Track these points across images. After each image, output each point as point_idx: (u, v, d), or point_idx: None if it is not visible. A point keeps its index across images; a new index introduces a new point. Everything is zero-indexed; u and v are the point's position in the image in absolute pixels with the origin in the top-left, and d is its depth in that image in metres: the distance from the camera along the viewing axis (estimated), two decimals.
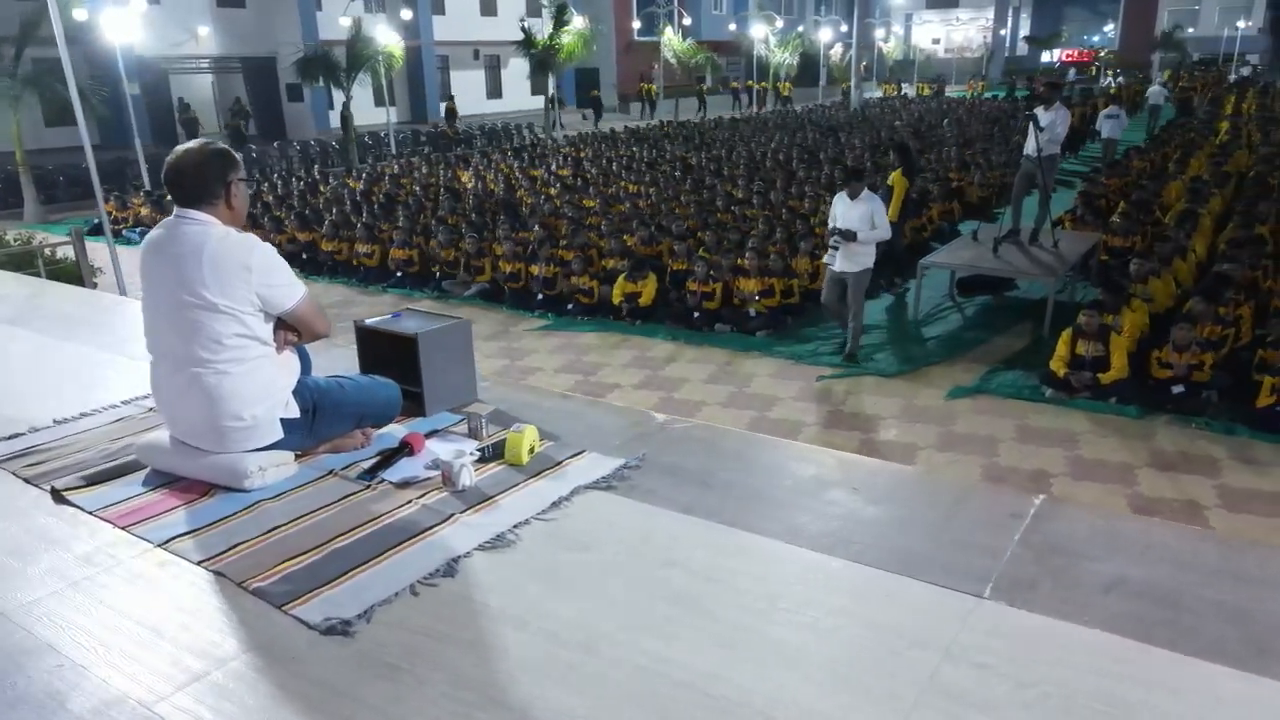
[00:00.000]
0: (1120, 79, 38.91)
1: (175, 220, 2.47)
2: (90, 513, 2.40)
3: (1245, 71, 40.87)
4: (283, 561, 2.14)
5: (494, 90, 33.55)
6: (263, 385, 2.50)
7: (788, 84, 35.55)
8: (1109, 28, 51.50)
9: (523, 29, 24.10)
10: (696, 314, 8.63)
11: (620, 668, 1.73)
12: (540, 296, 9.39)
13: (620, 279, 8.99)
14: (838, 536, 2.18)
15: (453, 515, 2.34)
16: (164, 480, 2.56)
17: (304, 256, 11.53)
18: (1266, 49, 49.59)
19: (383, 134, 22.72)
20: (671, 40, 30.28)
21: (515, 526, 2.28)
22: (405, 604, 1.97)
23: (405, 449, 2.67)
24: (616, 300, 8.92)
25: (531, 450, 2.66)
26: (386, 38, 20.59)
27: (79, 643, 1.84)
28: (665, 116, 28.34)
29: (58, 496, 2.49)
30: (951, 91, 39.09)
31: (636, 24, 33.60)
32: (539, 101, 34.57)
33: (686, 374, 7.47)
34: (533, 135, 25.07)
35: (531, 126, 25.76)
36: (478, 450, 2.68)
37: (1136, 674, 1.67)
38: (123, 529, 2.32)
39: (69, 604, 1.98)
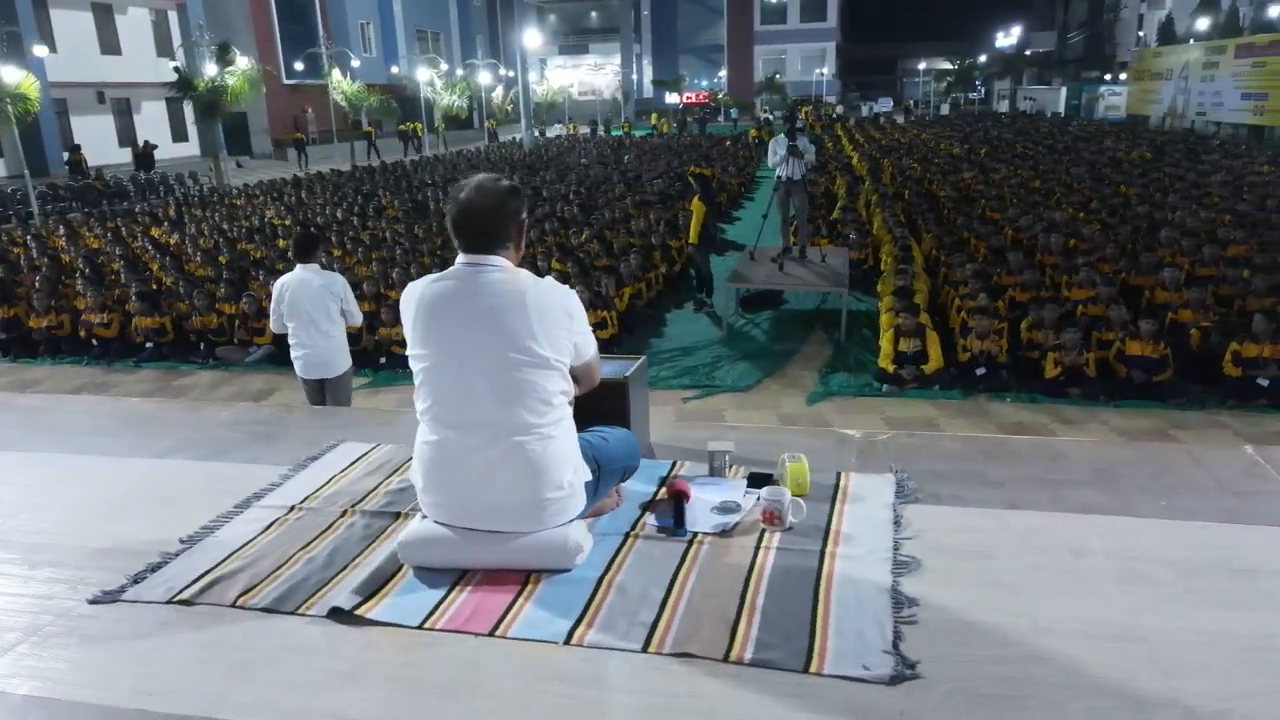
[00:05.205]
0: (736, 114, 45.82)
1: (470, 269, 2.10)
2: (419, 628, 1.96)
3: (840, 110, 48.11)
4: (731, 630, 1.92)
5: (127, 138, 29.75)
6: (572, 447, 2.21)
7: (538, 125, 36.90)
8: (722, 73, 57.86)
9: (176, 70, 21.76)
10: None
11: (1187, 646, 1.82)
12: None
13: None
14: (1158, 505, 2.42)
15: (823, 553, 2.24)
16: (452, 577, 2.15)
17: (1, 337, 9.52)
18: (838, 90, 58.86)
19: (11, 190, 19.23)
20: (340, 83, 28.98)
21: (894, 551, 2.25)
22: (915, 638, 1.88)
23: (683, 498, 2.48)
24: None
25: None
26: (12, 77, 17.56)
27: None
28: (327, 162, 27.06)
29: (345, 616, 2.00)
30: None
31: (299, 65, 31.68)
32: (184, 149, 31.44)
33: None
34: (198, 185, 22.67)
35: (195, 175, 23.27)
36: (749, 490, 2.56)
37: None
38: (491, 635, 1.93)
39: None
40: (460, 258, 2.14)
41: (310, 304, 5.37)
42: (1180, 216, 12.12)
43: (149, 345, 9.12)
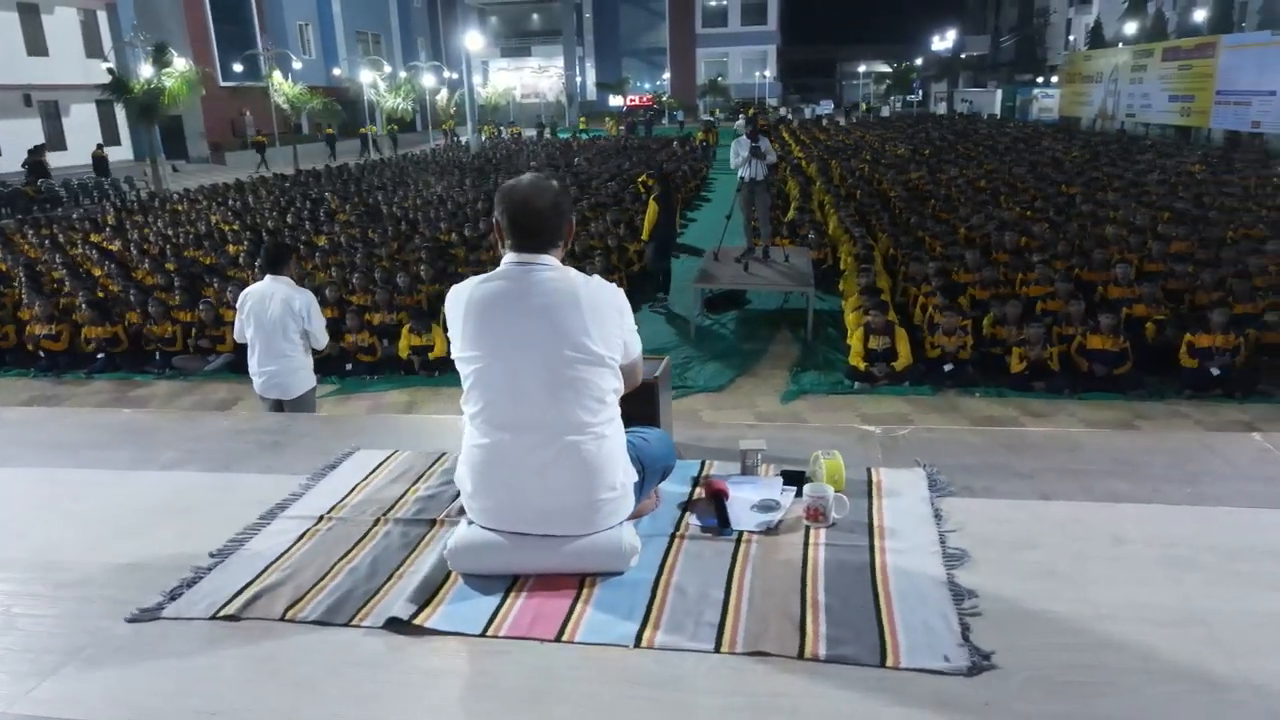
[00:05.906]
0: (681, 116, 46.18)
1: (521, 269, 2.07)
2: (483, 635, 1.92)
3: (784, 112, 48.62)
4: (800, 627, 1.92)
5: (56, 141, 28.69)
6: (623, 447, 2.19)
7: (490, 127, 36.61)
8: (666, 75, 58.05)
9: (110, 71, 21.08)
10: None
11: (1245, 628, 1.86)
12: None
13: (405, 331, 8.44)
14: (1184, 492, 2.49)
15: (872, 547, 2.25)
16: (505, 583, 2.12)
17: None
18: (780, 92, 59.55)
19: None
20: (282, 85, 28.33)
21: (941, 544, 2.26)
22: (981, 629, 1.90)
23: (723, 497, 2.47)
24: (404, 354, 8.36)
25: None
26: None
27: None
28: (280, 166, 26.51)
29: (404, 626, 1.95)
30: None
31: (237, 67, 30.88)
32: (117, 153, 30.45)
33: None
34: (135, 190, 21.98)
35: (131, 180, 22.56)
36: (785, 486, 2.56)
37: None
38: (558, 640, 1.90)
39: None
40: (509, 257, 2.10)
41: (268, 321, 5.01)
42: (1124, 214, 12.51)
43: (100, 356, 8.82)
